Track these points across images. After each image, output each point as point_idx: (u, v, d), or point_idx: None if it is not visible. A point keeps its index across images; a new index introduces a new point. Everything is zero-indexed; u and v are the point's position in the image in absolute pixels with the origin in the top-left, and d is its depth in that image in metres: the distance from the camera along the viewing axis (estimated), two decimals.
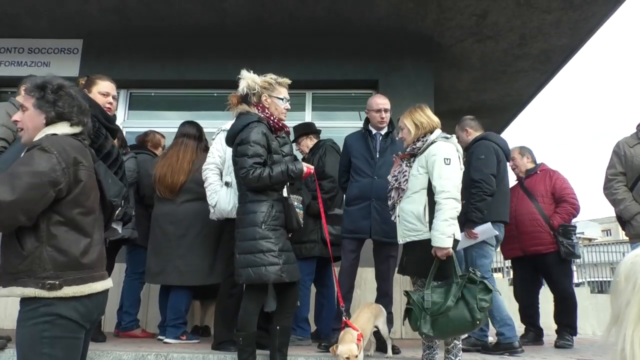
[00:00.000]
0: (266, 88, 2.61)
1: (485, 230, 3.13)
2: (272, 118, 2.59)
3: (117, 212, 1.65)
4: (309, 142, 3.72)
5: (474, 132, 3.49)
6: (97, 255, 1.53)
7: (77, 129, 1.57)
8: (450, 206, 2.38)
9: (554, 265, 3.72)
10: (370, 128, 3.25)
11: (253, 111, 2.58)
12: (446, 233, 2.36)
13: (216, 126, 3.35)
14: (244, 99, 2.62)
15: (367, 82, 5.20)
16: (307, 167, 2.57)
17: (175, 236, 3.25)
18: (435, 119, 2.67)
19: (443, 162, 2.45)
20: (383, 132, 3.24)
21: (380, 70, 5.11)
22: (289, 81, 2.66)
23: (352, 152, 3.23)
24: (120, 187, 1.66)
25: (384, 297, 3.09)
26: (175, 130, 3.54)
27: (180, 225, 3.26)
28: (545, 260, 3.75)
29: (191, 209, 3.28)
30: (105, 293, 1.57)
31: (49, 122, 1.54)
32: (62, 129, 1.54)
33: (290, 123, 3.10)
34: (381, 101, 3.23)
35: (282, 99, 2.62)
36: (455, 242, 2.44)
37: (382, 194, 2.95)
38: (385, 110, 3.20)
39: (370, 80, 5.16)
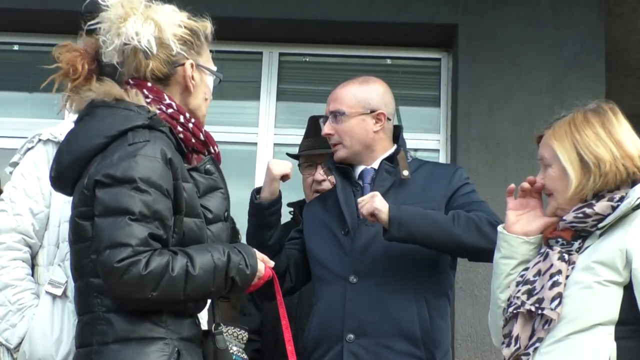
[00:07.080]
0: (191, 44, 2.78)
1: None
2: (183, 120, 2.74)
3: None
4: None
5: None
6: None
7: None
8: None
9: None
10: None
11: (133, 100, 2.65)
12: None
13: (22, 131, 3.91)
14: (106, 67, 2.68)
15: (426, 32, 5.28)
16: (266, 265, 2.77)
17: None
18: None
19: None
20: (375, 164, 3.48)
21: (464, 2, 5.14)
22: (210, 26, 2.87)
23: (309, 226, 3.53)
24: None
25: None
26: None
27: None
28: None
29: None
30: None
31: None
32: None
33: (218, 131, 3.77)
34: (330, 96, 3.48)
35: (214, 75, 2.92)
36: None
37: (372, 325, 3.13)
38: (334, 115, 3.40)
39: (437, 25, 5.20)
